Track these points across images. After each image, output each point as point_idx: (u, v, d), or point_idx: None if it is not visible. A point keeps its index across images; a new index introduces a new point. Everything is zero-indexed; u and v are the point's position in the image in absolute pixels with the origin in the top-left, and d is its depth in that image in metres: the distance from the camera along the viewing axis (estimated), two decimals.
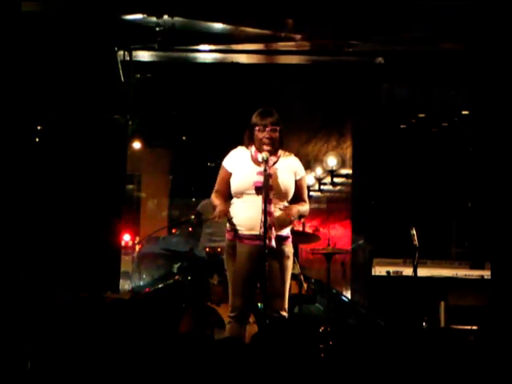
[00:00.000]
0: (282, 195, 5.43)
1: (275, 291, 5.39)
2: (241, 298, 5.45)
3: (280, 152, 5.51)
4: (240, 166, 5.48)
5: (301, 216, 5.60)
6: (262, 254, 5.24)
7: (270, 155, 5.41)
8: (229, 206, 5.51)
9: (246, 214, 5.39)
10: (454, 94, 10.17)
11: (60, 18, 7.73)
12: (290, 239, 5.55)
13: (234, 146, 5.64)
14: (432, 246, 8.98)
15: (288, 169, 5.49)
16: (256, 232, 5.34)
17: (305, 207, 5.55)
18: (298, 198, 5.55)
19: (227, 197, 5.53)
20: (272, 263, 5.36)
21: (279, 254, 5.41)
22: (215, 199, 5.50)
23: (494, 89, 4.87)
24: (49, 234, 7.88)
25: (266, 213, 5.23)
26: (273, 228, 5.33)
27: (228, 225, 5.54)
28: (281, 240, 5.44)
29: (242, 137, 5.57)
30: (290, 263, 5.50)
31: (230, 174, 5.51)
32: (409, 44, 8.10)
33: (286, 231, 5.51)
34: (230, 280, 5.53)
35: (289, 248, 5.51)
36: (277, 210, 5.40)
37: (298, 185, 5.53)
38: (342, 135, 11.59)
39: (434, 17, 7.46)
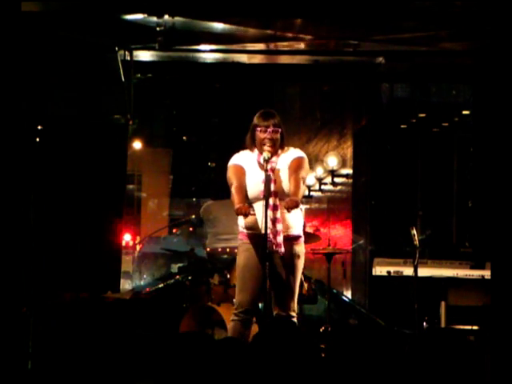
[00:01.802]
0: (285, 196, 5.39)
1: (284, 291, 5.39)
2: (246, 294, 5.44)
3: (279, 151, 5.47)
4: (248, 171, 5.47)
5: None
6: (268, 255, 5.25)
7: (272, 156, 5.40)
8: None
9: (254, 216, 5.38)
10: (454, 93, 10.19)
11: (60, 17, 7.72)
12: (302, 239, 5.53)
13: (234, 146, 5.63)
14: (432, 246, 9.00)
15: (285, 166, 5.44)
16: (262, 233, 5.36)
17: (297, 196, 5.30)
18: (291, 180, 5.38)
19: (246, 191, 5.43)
20: (282, 263, 5.36)
21: (289, 254, 5.40)
22: (237, 196, 5.34)
23: (495, 89, 4.87)
24: (49, 234, 7.87)
25: (267, 209, 5.21)
26: (280, 233, 5.30)
27: (239, 227, 5.55)
28: (292, 239, 5.43)
29: (243, 137, 5.57)
30: (300, 263, 5.47)
31: (244, 169, 5.45)
32: (409, 44, 8.09)
33: (298, 231, 5.49)
34: (237, 277, 5.54)
35: (300, 247, 5.48)
36: (284, 212, 5.34)
37: (289, 165, 5.42)
38: (342, 135, 11.59)
39: (434, 17, 7.45)
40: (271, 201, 5.30)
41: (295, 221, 5.47)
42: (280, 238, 5.29)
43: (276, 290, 5.40)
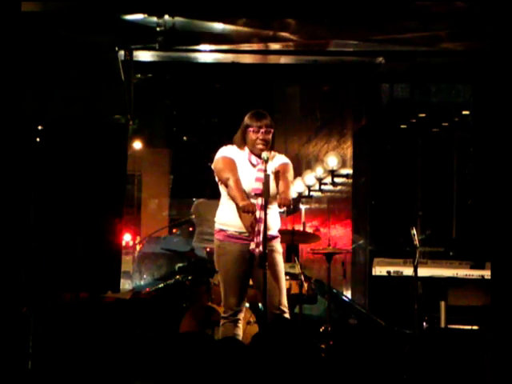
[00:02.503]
0: (271, 199, 5.39)
1: (273, 288, 5.39)
2: (234, 297, 5.45)
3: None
4: (239, 168, 5.45)
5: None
6: (253, 255, 5.32)
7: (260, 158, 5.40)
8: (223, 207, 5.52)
9: (239, 214, 5.38)
10: (454, 93, 10.19)
11: (60, 17, 7.73)
12: (279, 238, 5.58)
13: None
14: (432, 246, 9.00)
15: (272, 170, 5.43)
16: (247, 233, 5.38)
17: (288, 195, 5.34)
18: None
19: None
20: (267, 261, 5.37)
21: (270, 251, 5.41)
22: (239, 192, 5.31)
23: (495, 89, 4.88)
24: (49, 234, 7.88)
25: (266, 214, 5.23)
26: (260, 233, 5.31)
27: (217, 225, 5.55)
28: (270, 239, 5.44)
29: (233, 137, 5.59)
30: (281, 258, 5.52)
31: (235, 164, 5.43)
32: (409, 44, 8.09)
33: (276, 232, 5.54)
34: (222, 280, 5.53)
35: (278, 244, 5.54)
36: (267, 213, 5.34)
37: (276, 170, 5.42)
38: (342, 135, 11.60)
39: (434, 17, 7.46)
40: (259, 201, 5.31)
41: (274, 222, 5.52)
42: (260, 238, 5.30)
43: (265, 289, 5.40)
